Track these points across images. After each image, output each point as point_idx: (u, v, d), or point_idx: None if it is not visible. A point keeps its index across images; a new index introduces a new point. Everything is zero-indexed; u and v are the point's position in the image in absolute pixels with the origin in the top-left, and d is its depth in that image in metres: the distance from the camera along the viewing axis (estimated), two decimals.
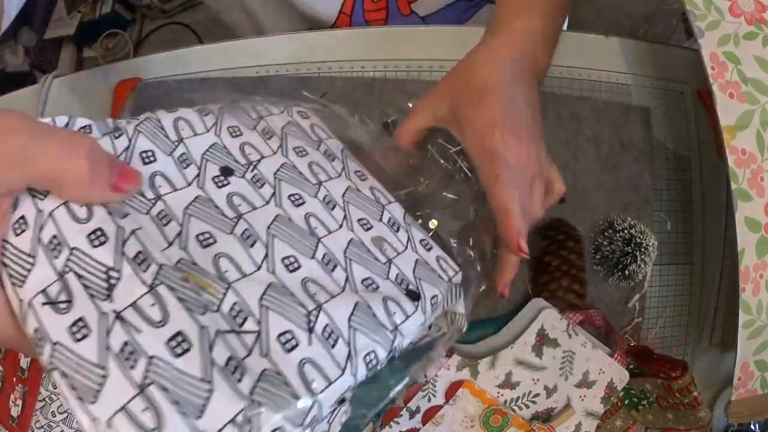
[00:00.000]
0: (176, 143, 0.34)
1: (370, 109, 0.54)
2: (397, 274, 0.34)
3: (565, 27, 0.51)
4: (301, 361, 0.26)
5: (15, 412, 0.50)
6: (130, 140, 0.32)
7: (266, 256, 0.30)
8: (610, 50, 0.60)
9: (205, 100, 0.39)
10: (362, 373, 0.29)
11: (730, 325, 0.52)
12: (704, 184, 0.59)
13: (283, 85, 0.55)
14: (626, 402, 0.55)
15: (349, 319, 0.29)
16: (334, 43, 0.57)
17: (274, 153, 0.37)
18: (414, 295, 0.33)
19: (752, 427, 0.61)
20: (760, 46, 0.50)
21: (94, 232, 0.26)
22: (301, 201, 0.35)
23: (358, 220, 0.36)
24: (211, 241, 0.30)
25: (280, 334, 0.27)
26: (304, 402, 0.25)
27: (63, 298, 0.24)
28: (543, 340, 0.50)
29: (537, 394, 0.50)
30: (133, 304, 0.24)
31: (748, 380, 0.50)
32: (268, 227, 0.32)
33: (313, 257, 0.32)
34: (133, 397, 0.22)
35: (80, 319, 0.24)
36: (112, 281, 0.25)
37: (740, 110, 0.49)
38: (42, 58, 1.42)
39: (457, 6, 0.66)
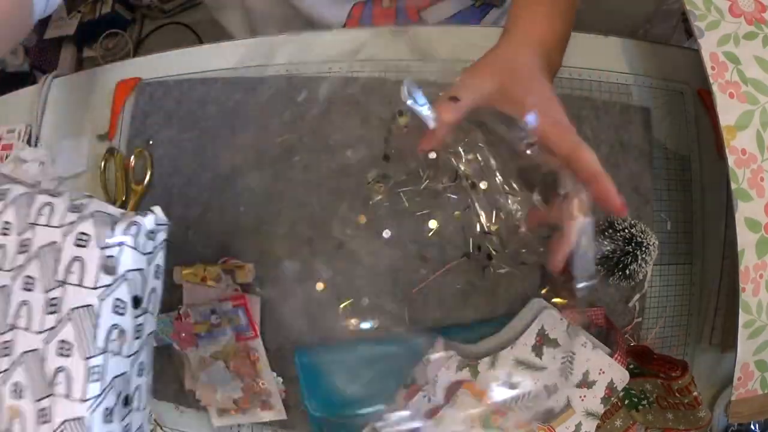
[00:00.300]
0: None
1: (371, 109, 0.54)
2: None
3: None
4: None
5: None
6: None
7: None
8: (610, 50, 0.60)
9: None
10: None
11: (730, 325, 0.52)
12: (704, 184, 0.59)
13: (283, 85, 0.55)
14: (626, 402, 0.55)
15: None
16: (333, 43, 0.57)
17: None
18: None
19: (752, 427, 0.61)
20: (760, 46, 0.50)
21: None
22: None
23: None
24: None
25: None
26: None
27: None
28: (543, 340, 0.50)
29: (537, 395, 0.50)
30: None
31: (748, 380, 0.50)
32: None
33: None
34: None
35: None
36: None
37: (740, 110, 0.49)
38: (42, 58, 1.42)
39: (466, 13, 0.66)
